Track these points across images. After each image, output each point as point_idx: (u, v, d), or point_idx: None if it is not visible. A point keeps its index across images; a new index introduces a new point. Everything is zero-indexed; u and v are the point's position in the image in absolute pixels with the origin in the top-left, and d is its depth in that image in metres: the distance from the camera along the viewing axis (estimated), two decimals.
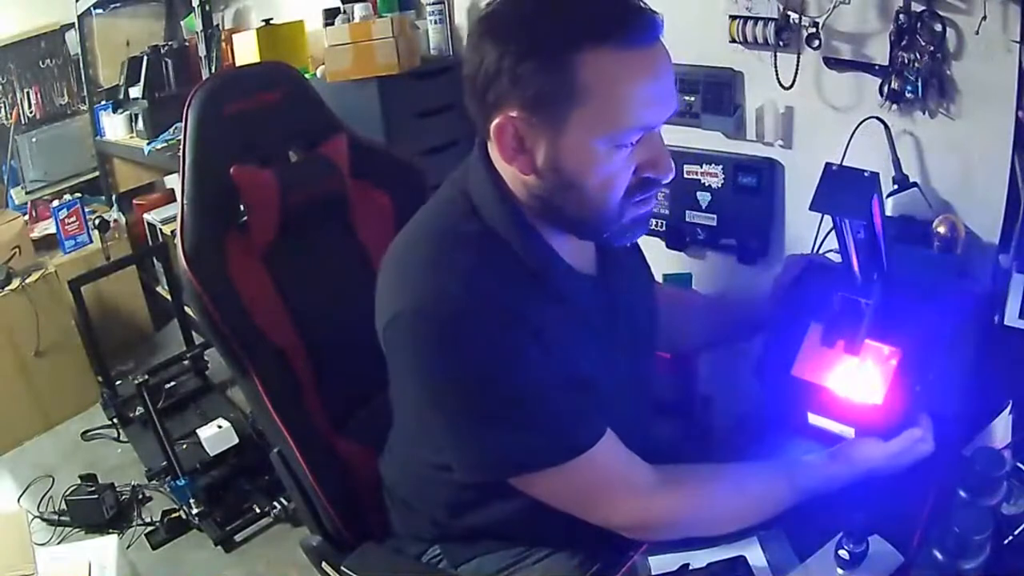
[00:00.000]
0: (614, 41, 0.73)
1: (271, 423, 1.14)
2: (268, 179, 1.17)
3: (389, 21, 2.04)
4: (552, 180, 0.79)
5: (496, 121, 0.77)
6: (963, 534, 0.66)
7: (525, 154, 0.78)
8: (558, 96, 0.74)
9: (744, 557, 0.87)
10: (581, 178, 0.79)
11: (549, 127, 0.76)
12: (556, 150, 0.77)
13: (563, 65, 0.73)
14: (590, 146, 0.77)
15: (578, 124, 0.75)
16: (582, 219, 0.83)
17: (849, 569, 0.81)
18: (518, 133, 0.77)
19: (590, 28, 0.73)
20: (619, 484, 0.88)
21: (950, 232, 1.43)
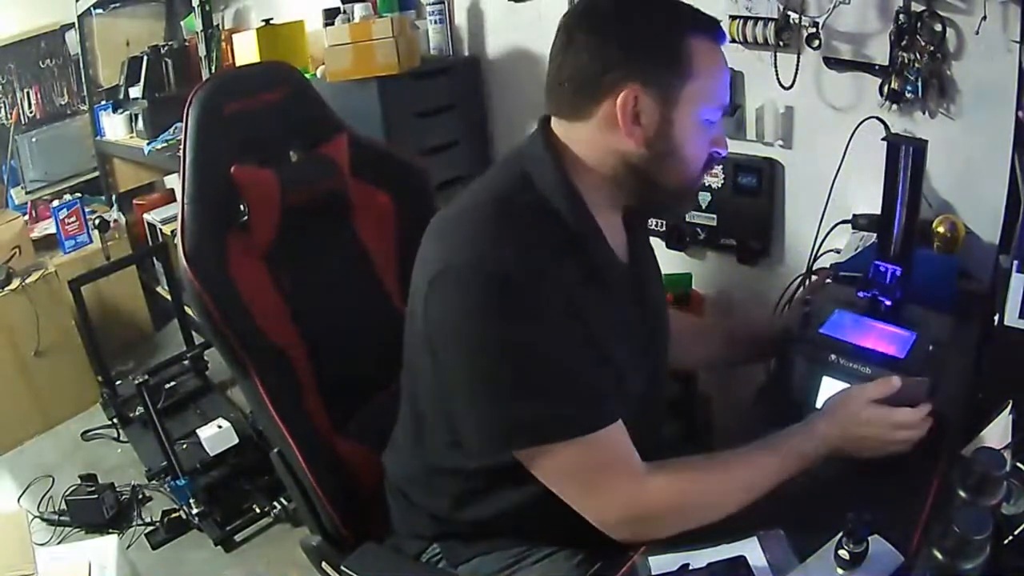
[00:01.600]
0: (710, 34, 0.89)
1: (271, 423, 1.14)
2: (269, 179, 1.17)
3: (389, 21, 2.04)
4: (659, 149, 0.89)
5: (620, 97, 0.86)
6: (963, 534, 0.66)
7: (640, 126, 0.88)
8: (673, 73, 0.86)
9: (744, 557, 0.87)
10: (683, 148, 0.90)
11: (664, 101, 0.87)
12: (667, 122, 0.88)
13: (677, 46, 0.86)
14: (694, 119, 0.89)
15: (687, 99, 0.88)
16: (674, 188, 0.93)
17: (849, 569, 0.81)
18: (635, 108, 0.87)
19: (694, 19, 0.88)
20: (622, 469, 0.88)
21: (950, 232, 1.43)
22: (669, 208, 1.01)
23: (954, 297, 1.35)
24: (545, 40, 2.33)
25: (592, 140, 0.91)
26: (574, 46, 0.89)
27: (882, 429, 0.95)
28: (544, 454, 0.87)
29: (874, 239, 1.26)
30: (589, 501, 0.89)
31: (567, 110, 0.92)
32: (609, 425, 0.87)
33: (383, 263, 1.34)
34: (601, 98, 0.88)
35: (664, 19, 0.88)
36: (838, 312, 1.14)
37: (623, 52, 0.86)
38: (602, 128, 0.89)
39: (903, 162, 1.09)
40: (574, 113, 0.91)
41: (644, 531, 0.89)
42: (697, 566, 0.86)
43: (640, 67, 0.86)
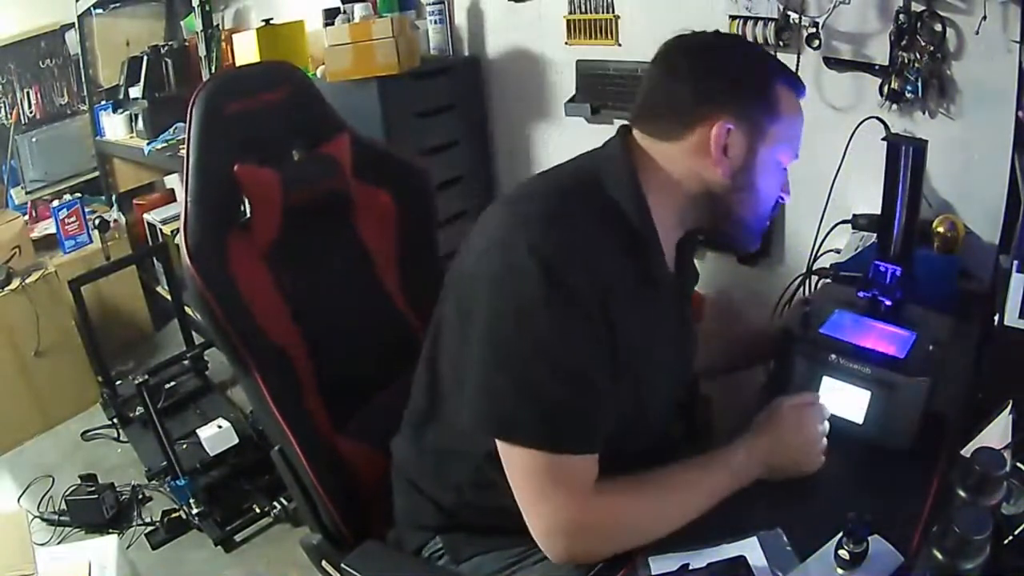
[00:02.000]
0: (794, 86, 0.97)
1: (272, 421, 1.14)
2: (271, 178, 1.17)
3: (389, 21, 2.04)
4: (740, 182, 0.94)
5: (714, 128, 0.91)
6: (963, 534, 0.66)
7: (727, 157, 0.92)
8: (765, 112, 0.93)
9: (744, 557, 0.87)
10: (761, 185, 0.96)
11: (752, 137, 0.93)
12: (753, 156, 0.94)
13: (770, 91, 0.94)
14: (773, 159, 0.96)
15: (772, 138, 0.94)
16: (746, 221, 0.99)
17: (849, 569, 0.81)
18: (727, 140, 0.92)
19: (781, 69, 0.96)
20: (576, 490, 0.89)
21: (950, 232, 1.43)
22: (736, 239, 1.03)
23: (954, 297, 1.36)
24: (545, 40, 2.34)
25: (678, 161, 0.95)
26: (675, 74, 0.94)
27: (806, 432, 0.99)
28: (516, 452, 0.88)
29: (874, 239, 1.26)
30: (536, 507, 0.89)
31: (657, 130, 0.95)
32: (582, 454, 0.89)
33: (384, 263, 1.35)
34: (695, 125, 0.92)
35: (760, 63, 0.96)
36: (838, 312, 1.14)
37: (723, 87, 0.92)
38: (690, 153, 0.93)
39: (903, 162, 1.09)
40: (664, 134, 0.95)
41: (574, 551, 0.90)
42: (697, 566, 0.86)
43: (737, 103, 0.91)
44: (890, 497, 0.94)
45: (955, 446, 0.95)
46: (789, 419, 1.00)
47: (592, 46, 2.06)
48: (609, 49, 2.03)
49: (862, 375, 1.04)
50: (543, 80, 2.21)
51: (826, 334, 1.09)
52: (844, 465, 1.05)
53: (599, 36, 2.03)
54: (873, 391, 1.03)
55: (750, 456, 0.97)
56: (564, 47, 2.11)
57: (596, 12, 2.01)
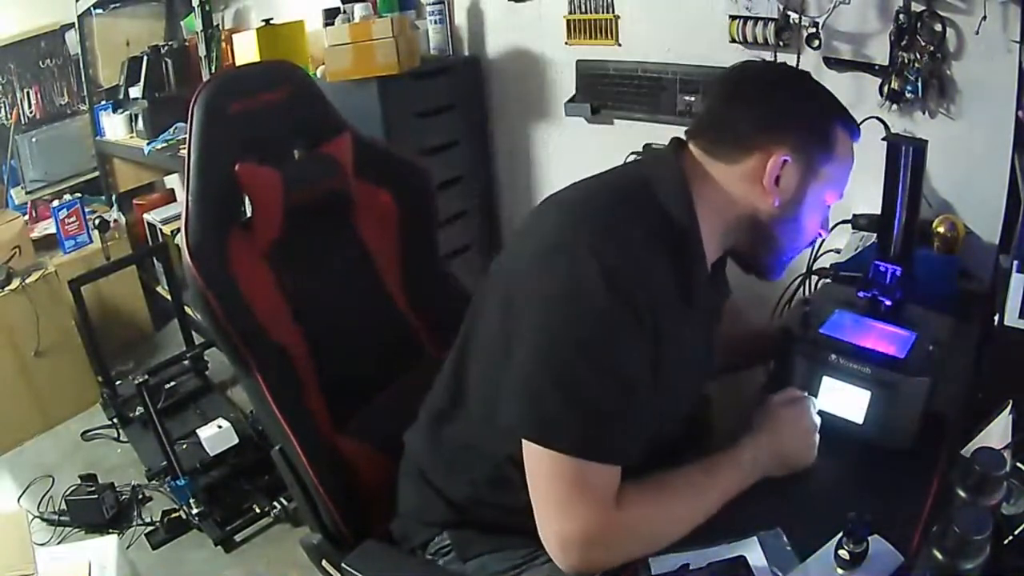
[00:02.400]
0: (851, 131, 0.98)
1: (273, 421, 1.14)
2: (272, 177, 1.17)
3: (389, 21, 2.04)
4: (787, 213, 0.96)
5: (771, 159, 0.93)
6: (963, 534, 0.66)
7: (778, 189, 0.94)
8: (821, 151, 0.95)
9: (744, 557, 0.87)
10: (805, 219, 0.98)
11: (807, 172, 0.95)
12: (803, 192, 0.95)
13: (829, 131, 0.95)
14: (820, 197, 0.97)
15: (823, 177, 0.96)
16: (783, 249, 1.01)
17: (849, 569, 0.81)
18: (780, 172, 0.93)
19: (842, 112, 0.98)
20: (599, 501, 0.88)
21: (950, 232, 1.43)
22: (767, 266, 1.04)
23: (954, 297, 1.36)
24: (545, 40, 2.35)
25: (730, 183, 0.96)
26: (740, 99, 0.96)
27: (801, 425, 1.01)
28: (543, 454, 0.87)
29: (874, 239, 1.26)
30: (556, 516, 0.88)
31: (715, 149, 0.96)
32: (614, 464, 0.88)
33: (385, 263, 1.35)
34: (753, 152, 0.94)
35: (822, 102, 0.97)
36: (838, 312, 1.14)
37: (786, 120, 0.94)
38: (743, 177, 0.95)
39: (903, 162, 1.09)
40: (722, 155, 0.96)
41: (591, 558, 0.88)
42: (697, 566, 0.86)
43: (796, 138, 0.93)
44: (890, 497, 0.94)
45: (955, 446, 0.95)
46: (784, 414, 1.01)
47: (592, 46, 2.06)
48: (609, 49, 2.03)
49: (862, 375, 1.04)
50: (543, 80, 2.21)
51: (826, 334, 1.09)
52: (844, 465, 1.05)
53: (599, 36, 2.03)
54: (873, 391, 1.03)
55: (755, 454, 0.98)
56: (564, 47, 2.12)
57: (596, 12, 2.01)
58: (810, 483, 1.02)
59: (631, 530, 0.90)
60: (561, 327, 0.86)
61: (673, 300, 0.92)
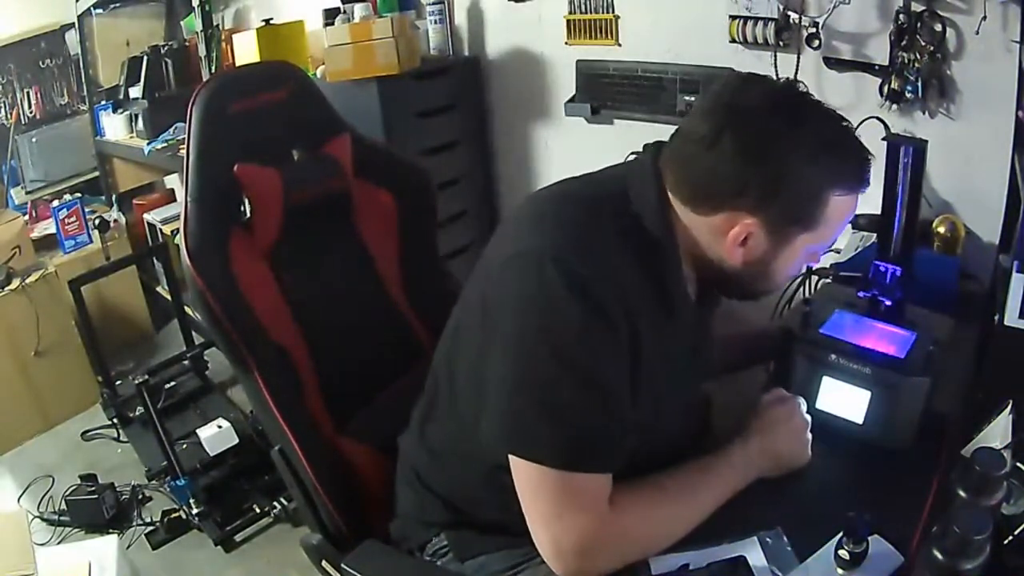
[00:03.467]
0: (856, 189, 0.88)
1: (273, 421, 1.14)
2: (272, 177, 1.17)
3: (389, 21, 2.04)
4: (754, 271, 0.91)
5: (736, 226, 0.86)
6: (963, 534, 0.66)
7: (744, 248, 0.88)
8: (800, 221, 0.86)
9: (744, 557, 0.87)
10: (777, 275, 0.93)
11: (778, 239, 0.87)
12: (773, 256, 0.89)
13: (818, 206, 0.85)
14: (798, 256, 0.91)
15: (800, 244, 0.89)
16: (752, 294, 0.97)
17: (849, 569, 0.81)
18: (746, 238, 0.87)
19: (848, 176, 0.86)
20: (590, 510, 0.87)
21: (950, 232, 1.43)
22: (739, 298, 1.00)
23: (954, 297, 1.36)
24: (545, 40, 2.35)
25: (695, 228, 0.90)
26: (720, 148, 0.84)
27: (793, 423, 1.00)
28: (529, 467, 0.87)
29: (874, 239, 1.26)
30: (547, 526, 0.87)
31: (682, 190, 0.89)
32: (601, 473, 0.87)
33: (385, 263, 1.35)
34: (720, 210, 0.87)
35: (816, 171, 0.84)
36: (838, 312, 1.14)
37: (760, 186, 0.83)
38: (710, 228, 0.89)
39: (903, 162, 1.09)
40: (687, 198, 0.89)
41: (587, 566, 0.87)
42: (697, 566, 0.86)
43: (770, 209, 0.84)
44: (890, 497, 0.94)
45: (955, 446, 0.95)
46: (775, 414, 1.01)
47: (592, 46, 2.06)
48: (609, 49, 2.03)
49: (862, 375, 1.04)
50: (543, 80, 2.21)
51: (826, 334, 1.09)
52: (844, 465, 1.05)
53: (599, 36, 2.03)
54: (873, 391, 1.03)
55: (748, 454, 0.98)
56: (564, 47, 2.12)
57: (596, 12, 2.01)
58: (810, 483, 1.02)
59: (626, 535, 0.89)
60: (533, 337, 0.84)
61: (651, 308, 0.89)
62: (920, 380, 1.01)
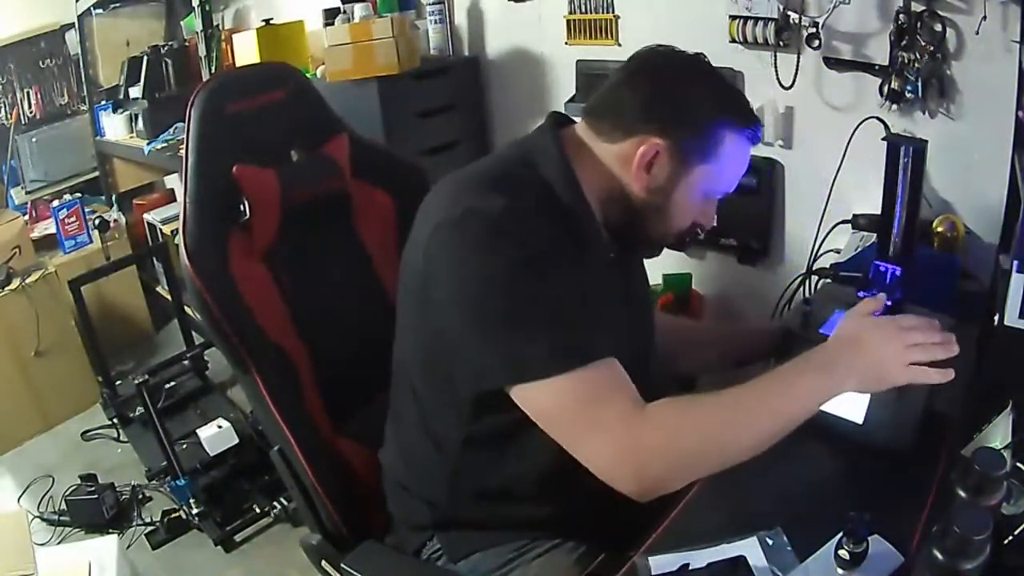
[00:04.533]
0: (748, 134, 0.98)
1: (272, 421, 1.14)
2: (270, 178, 1.17)
3: (389, 21, 2.04)
4: (654, 202, 0.98)
5: (644, 145, 0.94)
6: (963, 534, 0.66)
7: (648, 175, 0.96)
8: (700, 151, 0.95)
9: (744, 557, 0.87)
10: (673, 210, 0.99)
11: (680, 166, 0.95)
12: (672, 184, 0.96)
13: (714, 134, 0.95)
14: (694, 192, 0.98)
15: (698, 175, 0.96)
16: (648, 236, 1.02)
17: (849, 569, 0.81)
18: (652, 159, 0.95)
19: (740, 116, 0.97)
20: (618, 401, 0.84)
21: (950, 232, 1.43)
22: (636, 245, 1.06)
23: (954, 297, 1.35)
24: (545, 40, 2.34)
25: (606, 160, 0.98)
26: (632, 84, 0.98)
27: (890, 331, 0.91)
28: (539, 390, 0.84)
29: (874, 239, 1.26)
30: (585, 441, 0.84)
31: (598, 126, 0.99)
32: (603, 358, 0.85)
33: (383, 263, 1.34)
34: (630, 135, 0.96)
35: (714, 107, 0.96)
36: (838, 312, 1.14)
37: (667, 114, 0.94)
38: (618, 157, 0.97)
39: (903, 162, 1.09)
40: (601, 133, 0.99)
41: (645, 473, 0.82)
42: (697, 566, 0.87)
43: (675, 133, 0.94)
44: (890, 497, 0.94)
45: (955, 446, 0.95)
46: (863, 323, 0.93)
47: (592, 46, 2.06)
48: (609, 49, 2.03)
49: None
50: (543, 80, 2.21)
51: (826, 334, 1.09)
52: (844, 465, 1.05)
53: (599, 36, 2.03)
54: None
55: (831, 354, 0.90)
56: (564, 47, 2.11)
57: (596, 12, 2.01)
58: (810, 483, 1.02)
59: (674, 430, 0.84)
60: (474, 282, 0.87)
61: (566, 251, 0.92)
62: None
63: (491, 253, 0.87)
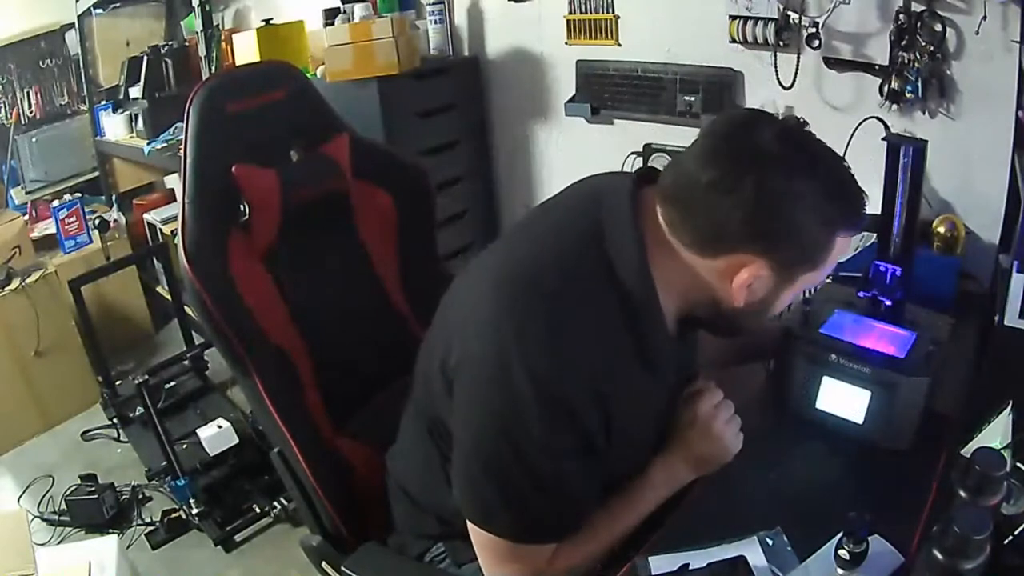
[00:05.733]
0: (855, 228, 0.87)
1: (272, 422, 1.14)
2: (270, 178, 1.17)
3: (389, 21, 2.04)
4: (754, 309, 0.89)
5: (746, 270, 0.83)
6: (963, 534, 0.66)
7: (748, 290, 0.86)
8: (805, 267, 0.86)
9: (744, 557, 0.87)
10: (774, 310, 0.92)
11: (784, 280, 0.86)
12: (775, 296, 0.88)
13: (823, 247, 0.84)
14: (797, 293, 0.91)
15: (803, 281, 0.88)
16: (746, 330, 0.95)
17: (849, 569, 0.81)
18: (752, 282, 0.85)
19: (851, 218, 0.85)
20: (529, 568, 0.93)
21: (950, 232, 1.43)
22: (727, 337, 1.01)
23: (954, 297, 1.36)
24: (545, 40, 2.34)
25: (694, 267, 0.87)
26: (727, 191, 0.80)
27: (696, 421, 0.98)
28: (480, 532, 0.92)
29: (874, 239, 1.26)
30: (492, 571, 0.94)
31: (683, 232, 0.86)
32: (549, 544, 0.92)
33: (383, 263, 1.35)
34: (728, 253, 0.84)
35: (823, 216, 0.82)
36: (838, 312, 1.14)
37: (777, 237, 0.82)
38: (710, 272, 0.86)
39: (903, 162, 1.09)
40: (689, 241, 0.86)
41: None
42: (697, 566, 0.86)
43: (780, 256, 0.83)
44: (890, 497, 0.94)
45: (955, 446, 0.95)
46: (683, 418, 1.00)
47: (592, 46, 2.06)
48: (609, 49, 2.03)
49: (862, 375, 1.04)
50: (543, 80, 2.21)
51: (826, 334, 1.09)
52: (844, 465, 1.05)
53: (599, 36, 2.03)
54: (873, 391, 1.03)
55: (669, 466, 1.00)
56: (564, 47, 2.12)
57: (596, 12, 2.01)
58: (810, 483, 1.02)
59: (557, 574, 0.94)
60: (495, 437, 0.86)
61: (629, 370, 0.88)
62: (920, 380, 1.01)
63: (524, 423, 0.83)
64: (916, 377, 1.01)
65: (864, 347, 1.06)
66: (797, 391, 1.10)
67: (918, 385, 1.01)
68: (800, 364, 1.09)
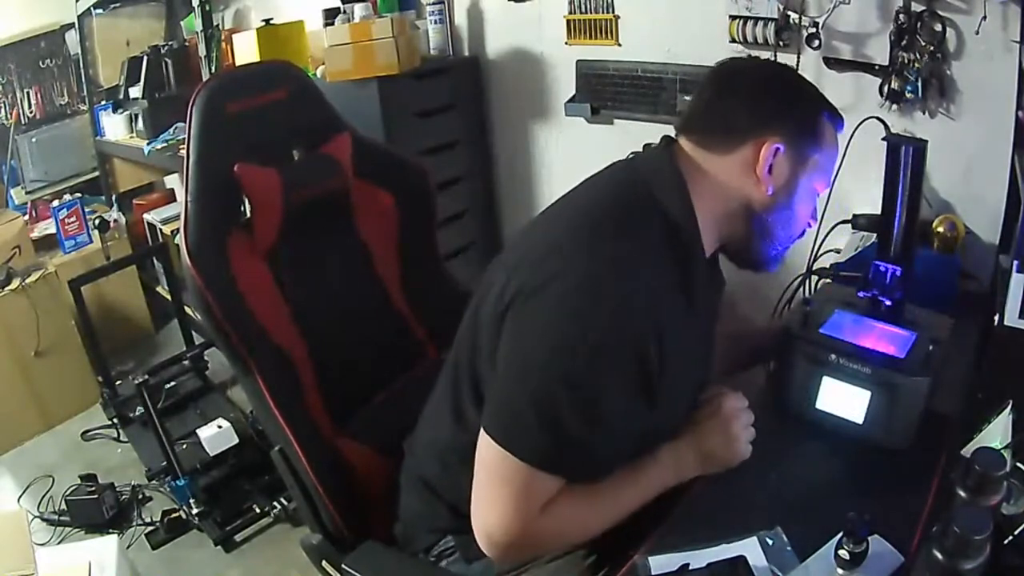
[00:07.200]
0: (836, 122, 1.01)
1: (273, 421, 1.14)
2: (271, 177, 1.17)
3: (389, 21, 2.04)
4: (779, 201, 0.98)
5: (764, 147, 0.95)
6: (963, 534, 0.66)
7: (771, 177, 0.96)
8: (810, 142, 0.98)
9: (744, 557, 0.87)
10: (797, 207, 1.00)
11: (798, 160, 0.97)
12: (795, 179, 0.98)
13: (817, 121, 0.99)
14: (811, 185, 1.00)
15: (811, 166, 0.99)
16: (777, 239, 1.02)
17: (849, 569, 0.81)
18: (773, 160, 0.95)
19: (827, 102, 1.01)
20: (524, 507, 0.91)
21: (950, 232, 1.43)
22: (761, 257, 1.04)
23: (954, 297, 1.36)
24: (545, 40, 2.34)
25: (723, 173, 0.98)
26: (732, 93, 0.99)
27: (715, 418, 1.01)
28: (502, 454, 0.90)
29: (874, 239, 1.26)
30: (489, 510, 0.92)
31: (708, 142, 0.98)
32: (556, 475, 0.91)
33: (384, 263, 1.35)
34: (747, 142, 0.96)
35: (810, 95, 1.00)
36: (838, 312, 1.14)
37: (778, 111, 0.97)
38: (738, 167, 0.97)
39: (903, 162, 1.09)
40: (715, 147, 0.98)
41: (507, 557, 0.96)
42: (697, 566, 0.87)
43: (788, 129, 0.96)
44: (890, 497, 0.94)
45: (955, 446, 0.95)
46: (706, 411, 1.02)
47: (592, 46, 2.06)
48: (609, 49, 2.03)
49: (862, 375, 1.04)
50: (543, 80, 2.21)
51: (826, 334, 1.09)
52: (844, 465, 1.05)
53: (599, 36, 2.03)
54: (873, 391, 1.03)
55: (679, 453, 1.00)
56: (564, 47, 2.12)
57: (596, 12, 2.01)
58: (810, 483, 1.02)
59: (548, 533, 0.94)
60: (548, 355, 0.87)
61: (679, 309, 0.92)
62: (920, 380, 1.01)
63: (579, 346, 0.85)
64: (916, 377, 1.01)
65: (864, 347, 1.06)
66: (797, 391, 1.10)
67: (918, 385, 1.01)
68: (800, 364, 1.10)
